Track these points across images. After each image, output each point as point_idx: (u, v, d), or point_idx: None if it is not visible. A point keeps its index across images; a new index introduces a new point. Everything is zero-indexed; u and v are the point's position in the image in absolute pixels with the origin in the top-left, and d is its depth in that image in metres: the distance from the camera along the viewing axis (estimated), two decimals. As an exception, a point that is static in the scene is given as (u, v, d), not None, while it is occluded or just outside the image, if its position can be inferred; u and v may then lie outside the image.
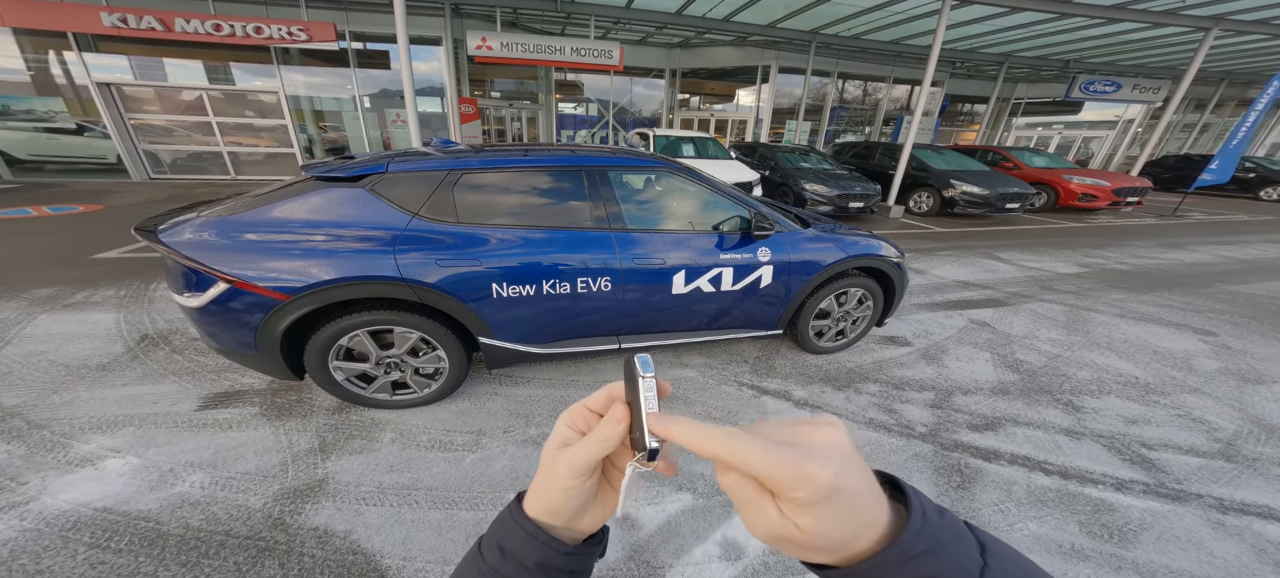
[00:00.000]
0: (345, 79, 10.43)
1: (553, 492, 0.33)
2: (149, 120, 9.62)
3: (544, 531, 0.33)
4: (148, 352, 2.68)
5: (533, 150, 2.30)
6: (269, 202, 1.83)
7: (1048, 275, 4.88)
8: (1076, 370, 2.89)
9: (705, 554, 1.55)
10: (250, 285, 1.71)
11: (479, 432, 2.12)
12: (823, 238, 2.58)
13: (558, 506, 0.32)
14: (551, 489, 0.33)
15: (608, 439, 0.32)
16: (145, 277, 3.86)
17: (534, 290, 2.05)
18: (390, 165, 1.94)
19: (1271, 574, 1.55)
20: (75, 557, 1.45)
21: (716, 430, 0.27)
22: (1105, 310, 3.93)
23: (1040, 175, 8.88)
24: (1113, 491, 1.90)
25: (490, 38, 8.51)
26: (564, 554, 0.33)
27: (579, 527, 0.34)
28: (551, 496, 0.33)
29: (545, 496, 0.33)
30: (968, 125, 17.90)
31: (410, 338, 2.02)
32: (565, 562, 0.33)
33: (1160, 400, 2.59)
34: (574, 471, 0.32)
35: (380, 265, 1.82)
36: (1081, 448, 2.16)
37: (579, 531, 0.34)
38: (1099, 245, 6.41)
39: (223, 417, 2.14)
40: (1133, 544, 1.65)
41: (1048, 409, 2.46)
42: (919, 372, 2.80)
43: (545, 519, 0.33)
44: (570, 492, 0.32)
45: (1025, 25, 9.49)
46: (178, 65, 9.46)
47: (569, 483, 0.32)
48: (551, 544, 0.32)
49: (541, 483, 0.34)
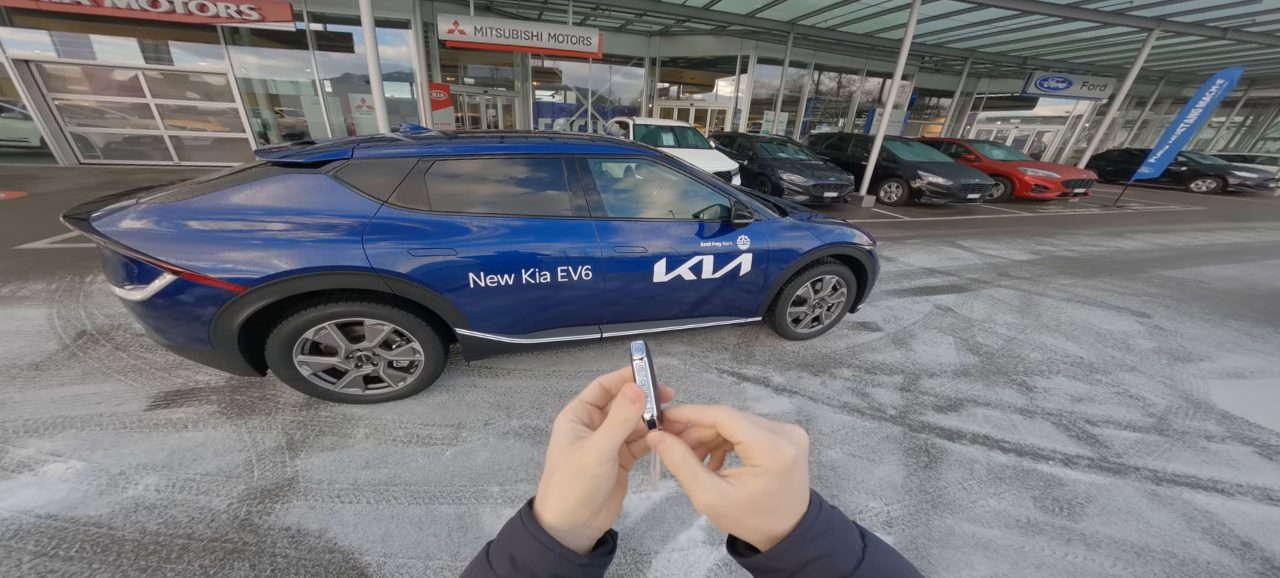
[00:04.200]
0: (304, 62, 9.81)
1: (582, 482, 0.33)
2: (77, 101, 8.78)
3: (559, 542, 0.32)
4: (87, 349, 2.48)
5: (510, 138, 2.23)
6: (220, 188, 1.70)
7: (1005, 262, 5.16)
8: (1029, 352, 3.07)
9: (690, 539, 1.58)
10: (201, 277, 1.59)
11: (459, 425, 2.07)
12: (799, 226, 2.63)
13: (591, 493, 0.33)
14: (580, 481, 0.33)
15: (627, 420, 0.34)
16: (79, 268, 3.56)
17: (513, 280, 2.00)
18: (356, 151, 1.84)
19: (1200, 540, 1.70)
20: (20, 566, 1.35)
21: (713, 406, 0.34)
22: (1054, 295, 4.20)
23: (998, 167, 9.33)
24: (1062, 466, 2.04)
25: (463, 21, 8.16)
26: (579, 566, 0.32)
27: (598, 522, 0.34)
28: (581, 486, 0.33)
29: (572, 489, 0.33)
30: (934, 118, 18.59)
31: (382, 330, 1.94)
32: (580, 574, 0.32)
33: (1102, 379, 2.79)
34: (602, 456, 0.33)
35: (347, 255, 1.73)
36: (1034, 426, 2.31)
37: (597, 528, 0.35)
38: (1049, 234, 6.81)
39: (177, 416, 2.01)
40: (1080, 517, 1.77)
41: (1004, 390, 2.61)
42: (889, 356, 2.91)
43: (567, 520, 0.33)
44: (601, 478, 0.33)
45: (988, 22, 9.88)
46: (109, 43, 8.64)
47: (598, 470, 0.33)
48: (567, 556, 0.32)
49: (563, 480, 0.33)
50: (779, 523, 0.31)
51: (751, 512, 0.31)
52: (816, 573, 0.30)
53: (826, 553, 0.30)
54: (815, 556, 0.30)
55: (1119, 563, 1.58)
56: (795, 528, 0.31)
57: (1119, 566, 1.57)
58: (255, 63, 9.61)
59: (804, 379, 2.60)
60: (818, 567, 0.30)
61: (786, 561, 0.31)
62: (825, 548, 0.30)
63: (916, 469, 1.96)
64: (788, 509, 0.31)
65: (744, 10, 10.07)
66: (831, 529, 0.31)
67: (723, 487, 0.31)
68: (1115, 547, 1.65)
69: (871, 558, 0.30)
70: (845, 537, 0.31)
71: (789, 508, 0.31)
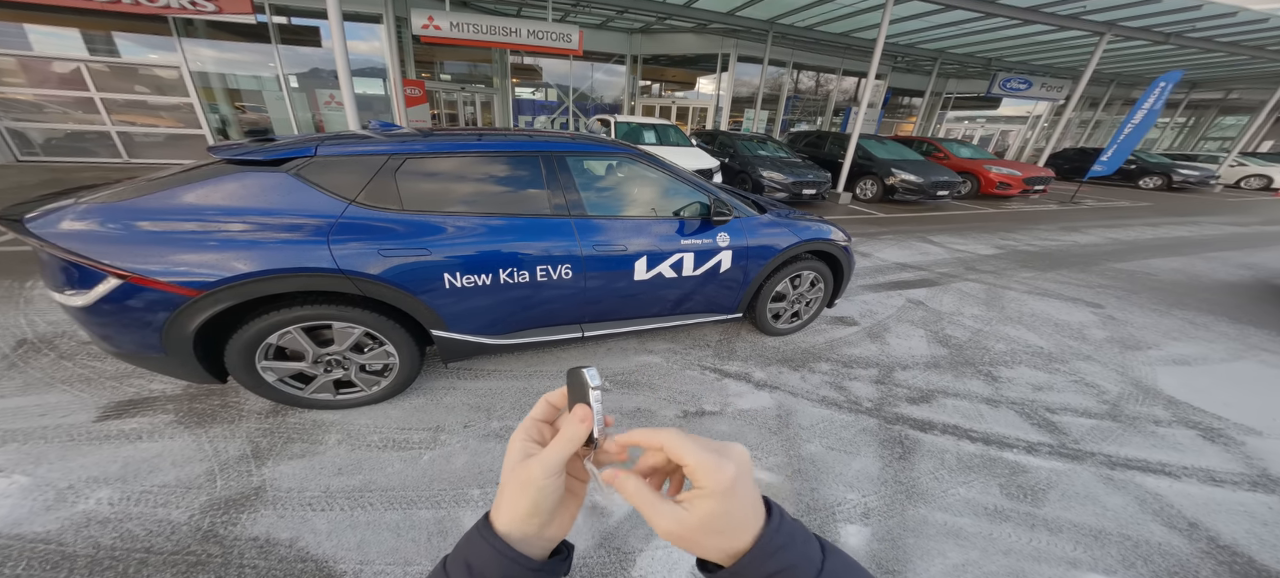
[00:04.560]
0: (267, 56, 9.34)
1: (530, 493, 0.35)
2: (12, 95, 8.15)
3: (512, 547, 0.34)
4: (27, 359, 2.31)
5: (487, 135, 2.18)
6: (169, 187, 1.59)
7: (971, 257, 5.37)
8: (994, 343, 3.21)
9: (672, 536, 1.59)
10: (149, 281, 1.49)
11: (437, 428, 2.02)
12: (777, 223, 2.67)
13: (537, 504, 0.34)
14: (527, 492, 0.35)
15: (574, 438, 0.36)
16: (17, 273, 3.31)
17: (491, 280, 1.96)
18: (319, 148, 1.76)
19: (1152, 522, 1.80)
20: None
21: (660, 429, 0.36)
22: (1017, 288, 4.39)
23: (965, 165, 9.69)
24: (1025, 454, 2.13)
25: (438, 17, 7.90)
26: (532, 570, 0.34)
27: (550, 533, 0.36)
28: (528, 497, 0.35)
29: (520, 501, 0.35)
30: (906, 117, 19.18)
31: (352, 333, 1.87)
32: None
33: (1060, 368, 2.94)
34: (547, 470, 0.35)
35: (312, 256, 1.66)
36: (999, 415, 2.41)
37: (548, 539, 0.36)
38: (1012, 229, 7.12)
39: (129, 427, 1.90)
40: (1042, 502, 1.85)
41: (972, 380, 2.71)
42: (865, 350, 2.99)
43: (518, 528, 0.35)
44: (546, 489, 0.35)
45: (956, 23, 10.23)
46: (47, 33, 8.03)
47: (544, 482, 0.35)
48: (520, 561, 0.34)
49: (513, 493, 0.35)
50: (736, 540, 0.32)
51: (707, 533, 0.33)
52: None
53: (787, 566, 0.31)
54: (776, 569, 0.31)
55: (1079, 547, 1.66)
56: (755, 543, 0.32)
57: (1078, 549, 1.65)
58: (212, 56, 9.10)
59: (784, 374, 2.64)
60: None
61: (749, 574, 0.32)
62: (786, 561, 0.31)
63: (891, 461, 2.02)
64: (741, 525, 0.32)
65: (724, 8, 10.13)
66: (792, 542, 0.33)
67: (678, 512, 0.33)
68: (1075, 531, 1.73)
69: (830, 567, 0.32)
70: (805, 549, 0.33)
71: (742, 524, 0.32)
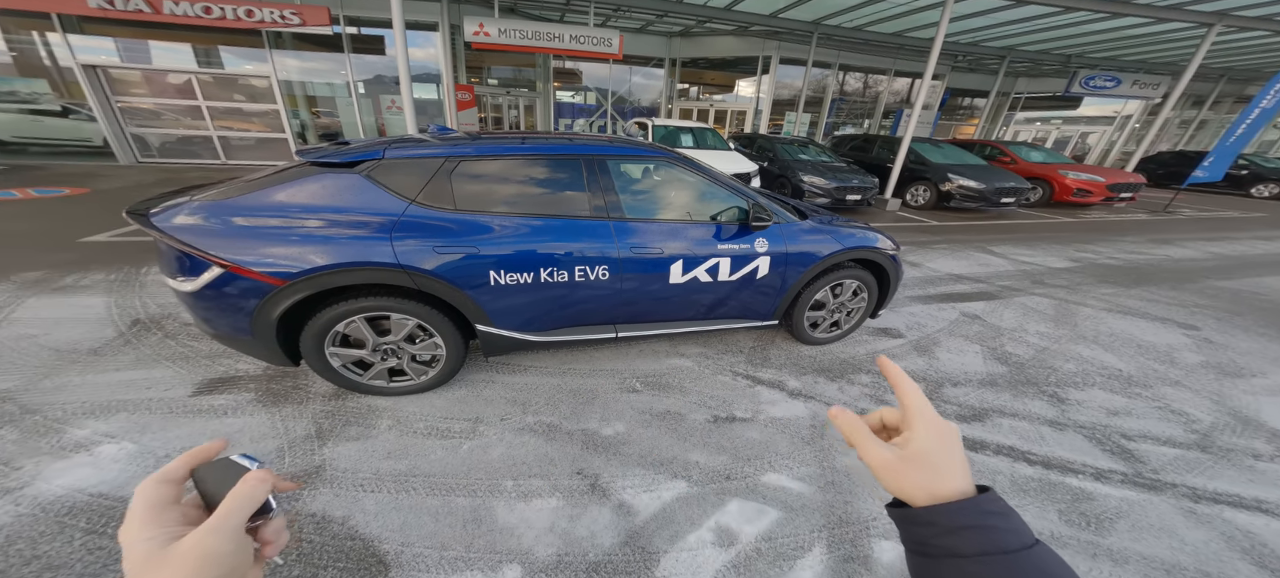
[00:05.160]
0: (339, 64, 10.24)
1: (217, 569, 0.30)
2: (136, 103, 9.42)
3: None
4: (140, 337, 2.67)
5: (531, 139, 2.29)
6: (264, 186, 1.81)
7: (1039, 270, 4.94)
8: (1063, 363, 2.94)
9: (699, 540, 1.58)
10: (245, 270, 1.70)
11: (476, 419, 2.13)
12: (820, 230, 2.60)
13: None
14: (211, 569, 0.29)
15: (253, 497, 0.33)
16: (136, 261, 3.82)
17: (531, 278, 2.05)
18: (387, 151, 1.93)
19: (1239, 560, 1.61)
20: (72, 543, 1.44)
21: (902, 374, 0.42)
22: (1093, 305, 3.99)
23: (1036, 170, 8.93)
24: (1092, 480, 1.96)
25: (488, 23, 8.36)
26: None
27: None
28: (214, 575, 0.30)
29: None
30: (967, 119, 17.92)
31: (407, 325, 2.02)
32: None
33: (1142, 393, 2.65)
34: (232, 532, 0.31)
35: (377, 252, 1.81)
36: (1064, 439, 2.21)
37: None
38: (1091, 240, 6.47)
39: (218, 403, 2.14)
40: (1109, 532, 1.70)
41: (1033, 401, 2.51)
42: (910, 363, 2.84)
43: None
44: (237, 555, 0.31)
45: (1029, 19, 9.45)
46: (165, 48, 9.24)
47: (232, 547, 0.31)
48: None
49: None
50: (940, 483, 0.36)
51: (914, 468, 0.37)
52: (971, 539, 0.33)
53: (990, 527, 0.33)
54: (975, 524, 0.33)
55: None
56: (966, 498, 0.35)
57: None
58: (295, 66, 10.09)
59: (820, 384, 2.56)
60: (974, 534, 0.33)
61: (944, 520, 0.34)
62: (991, 522, 0.33)
63: None
64: (945, 473, 0.37)
65: (766, 10, 9.95)
66: (1006, 516, 0.34)
67: (891, 447, 0.39)
68: (1144, 563, 1.58)
69: (1040, 556, 0.32)
70: (1017, 525, 0.34)
71: (947, 472, 0.37)
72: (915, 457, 0.38)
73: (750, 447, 2.04)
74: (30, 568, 1.35)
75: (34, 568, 1.36)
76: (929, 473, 0.37)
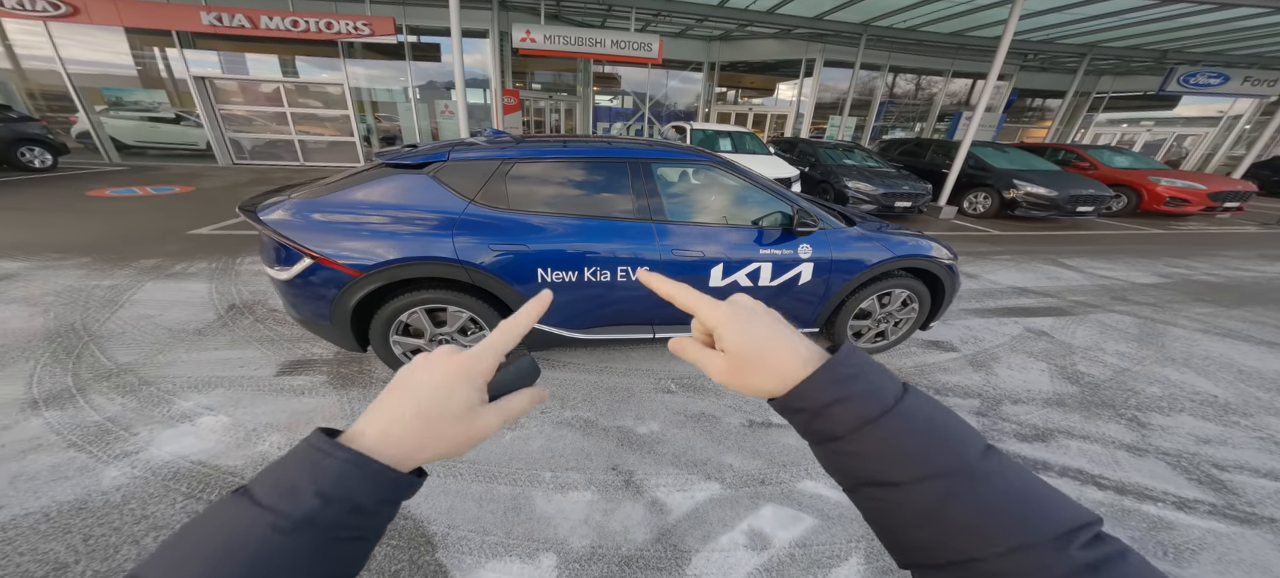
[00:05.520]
0: (399, 71, 11.01)
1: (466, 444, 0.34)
2: (234, 110, 10.60)
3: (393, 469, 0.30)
4: (235, 320, 3.01)
5: (574, 142, 2.38)
6: (347, 185, 2.02)
7: (1121, 285, 4.49)
8: (1146, 386, 2.67)
9: (731, 542, 1.58)
10: (330, 262, 1.90)
11: (518, 410, 2.24)
12: (868, 237, 2.52)
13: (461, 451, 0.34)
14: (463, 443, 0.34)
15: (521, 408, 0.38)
16: (232, 252, 4.30)
17: (576, 276, 2.14)
18: (451, 154, 2.09)
19: None
20: (174, 506, 1.60)
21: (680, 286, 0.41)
22: (1185, 325, 3.59)
23: (1121, 176, 8.11)
24: (1173, 509, 1.79)
25: (534, 30, 8.72)
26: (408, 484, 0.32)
27: None
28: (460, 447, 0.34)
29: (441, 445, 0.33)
30: (1037, 122, 16.53)
31: (461, 317, 2.17)
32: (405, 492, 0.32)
33: (1240, 422, 2.37)
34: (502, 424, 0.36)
35: (440, 247, 1.97)
36: (1143, 465, 2.02)
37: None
38: (1184, 254, 5.80)
39: (297, 383, 2.37)
40: (1189, 563, 1.56)
41: (1109, 424, 2.30)
42: (965, 378, 2.68)
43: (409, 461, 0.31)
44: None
45: (1116, 12, 8.56)
46: (255, 60, 10.34)
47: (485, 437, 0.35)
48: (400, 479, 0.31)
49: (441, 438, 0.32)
50: (780, 368, 0.34)
51: (746, 364, 0.35)
52: (839, 416, 0.31)
53: (847, 396, 0.31)
54: (837, 397, 0.31)
55: (1240, 631, 1.35)
56: (816, 371, 0.32)
57: (1240, 634, 1.35)
58: (362, 73, 10.98)
59: (864, 396, 2.48)
60: (840, 409, 0.31)
61: (803, 403, 0.33)
62: (848, 391, 0.31)
63: None
64: (781, 354, 0.34)
65: (812, 13, 9.67)
66: (860, 375, 0.31)
67: (718, 356, 0.37)
68: (1233, 604, 1.42)
69: (908, 404, 0.30)
70: (878, 382, 0.31)
71: (781, 353, 0.34)
72: (736, 355, 0.35)
73: (786, 453, 2.01)
74: (140, 527, 1.53)
75: (143, 527, 1.54)
76: (760, 365, 0.34)
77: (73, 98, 9.49)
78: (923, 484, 0.28)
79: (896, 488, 0.29)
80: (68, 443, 1.87)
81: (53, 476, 1.70)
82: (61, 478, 1.70)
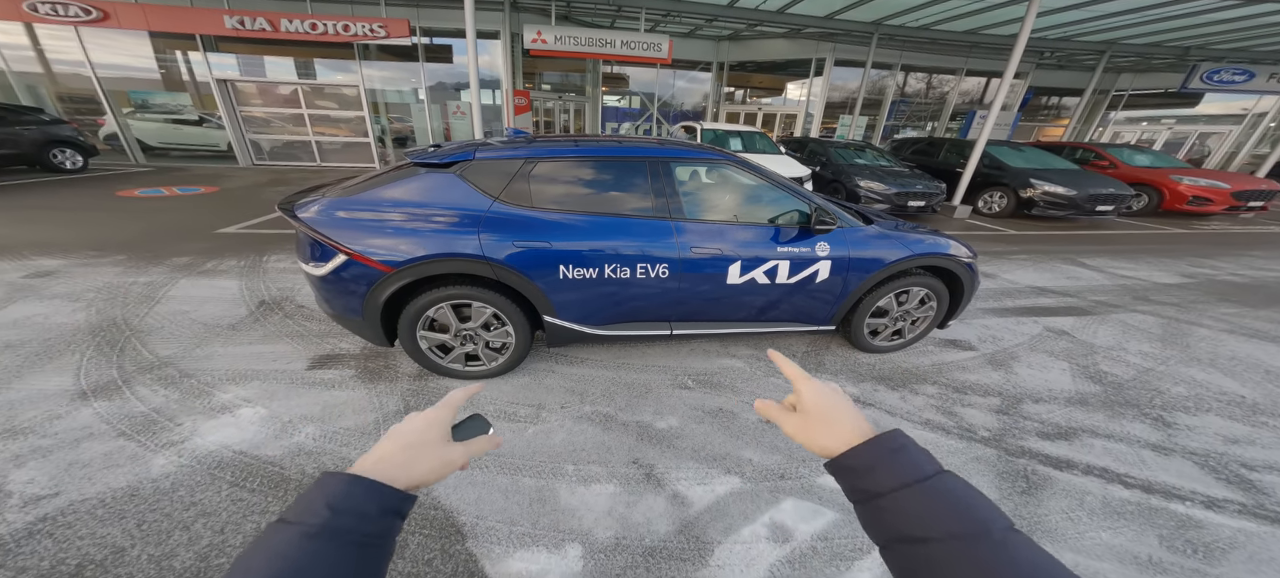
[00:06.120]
0: (411, 73, 11.15)
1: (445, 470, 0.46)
2: (253, 112, 10.84)
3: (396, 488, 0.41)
4: (266, 316, 3.10)
5: (593, 142, 2.42)
6: (378, 184, 2.08)
7: (1143, 285, 4.42)
8: (1171, 385, 2.64)
9: (753, 534, 1.61)
10: (363, 258, 1.96)
11: (539, 405, 2.27)
12: (886, 235, 2.53)
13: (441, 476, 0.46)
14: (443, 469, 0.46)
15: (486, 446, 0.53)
16: (260, 250, 4.42)
17: (596, 273, 2.18)
18: (476, 153, 2.14)
19: None
20: (220, 493, 1.67)
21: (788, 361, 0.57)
22: (1211, 325, 3.53)
23: (1141, 175, 7.96)
24: (1202, 508, 1.78)
25: (545, 31, 8.78)
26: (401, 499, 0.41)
27: None
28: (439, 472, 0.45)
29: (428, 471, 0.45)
30: (1053, 120, 16.23)
31: (485, 313, 2.22)
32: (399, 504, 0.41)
33: (1270, 422, 2.34)
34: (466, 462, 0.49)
35: (466, 244, 2.02)
36: (1170, 464, 2.01)
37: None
38: (1208, 254, 5.69)
39: (327, 377, 2.44)
40: (1219, 562, 1.55)
41: (1133, 423, 2.28)
42: (984, 377, 2.67)
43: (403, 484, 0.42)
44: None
45: (1137, 10, 8.40)
46: (272, 62, 10.56)
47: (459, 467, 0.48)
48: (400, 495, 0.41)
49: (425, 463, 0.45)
50: (841, 431, 0.44)
51: (815, 422, 0.46)
52: (883, 476, 0.39)
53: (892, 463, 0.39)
54: (882, 462, 0.39)
55: (1269, 628, 1.35)
56: (871, 438, 0.42)
57: (1269, 630, 1.34)
58: (377, 75, 11.16)
59: (880, 392, 2.49)
60: (884, 471, 0.39)
61: (855, 461, 0.41)
62: (893, 460, 0.39)
63: (1011, 493, 1.82)
64: (843, 422, 0.45)
65: (822, 12, 9.61)
66: (905, 449, 0.40)
67: (793, 415, 0.49)
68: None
69: (944, 479, 0.37)
70: (918, 457, 0.39)
71: (844, 422, 0.45)
72: (809, 413, 0.47)
73: (804, 450, 2.02)
74: (189, 512, 1.60)
75: (192, 512, 1.60)
76: (826, 425, 0.45)
77: (102, 101, 9.78)
78: (947, 544, 0.33)
79: (924, 544, 0.34)
80: (117, 432, 1.95)
81: (105, 463, 1.78)
82: (113, 466, 1.77)
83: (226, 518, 1.58)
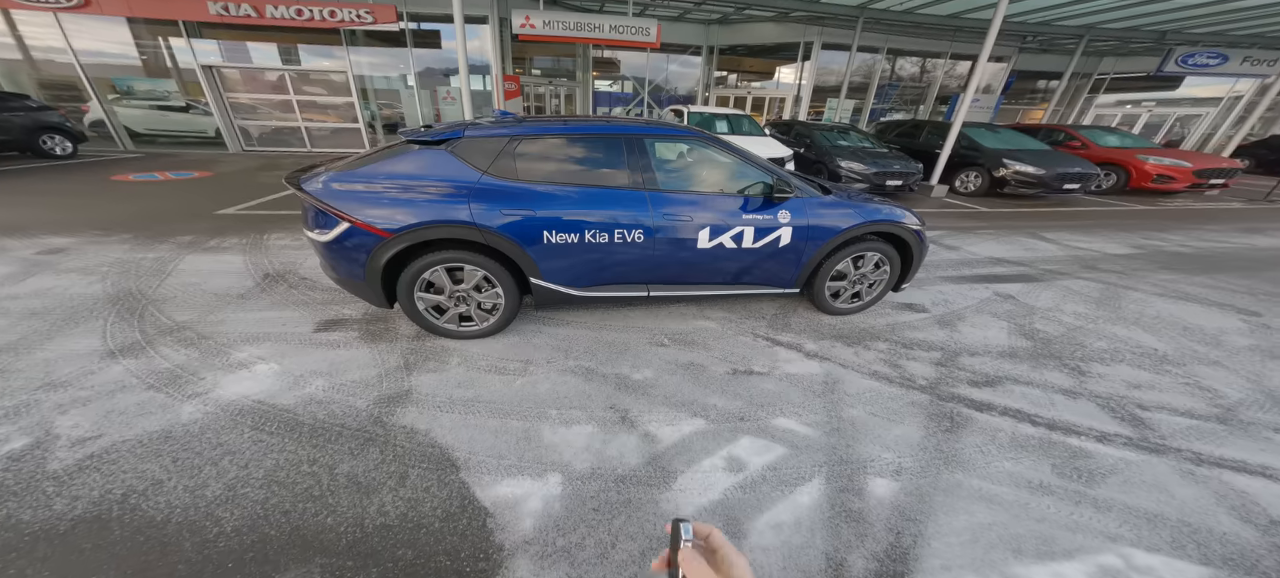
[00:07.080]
0: (399, 59, 11.12)
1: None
2: (241, 99, 10.79)
3: None
4: (271, 286, 3.31)
5: (573, 121, 2.64)
6: (377, 160, 2.29)
7: (1093, 255, 4.74)
8: (1094, 341, 2.95)
9: (712, 466, 1.83)
10: (364, 225, 2.18)
11: (526, 361, 2.50)
12: (841, 204, 2.78)
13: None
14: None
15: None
16: (260, 229, 4.59)
17: (577, 239, 2.41)
18: (466, 131, 2.35)
19: (1223, 514, 1.69)
20: (242, 436, 1.85)
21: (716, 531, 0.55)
22: (1145, 289, 3.85)
23: (1110, 155, 8.27)
24: (1093, 441, 2.05)
25: (533, 16, 8.82)
26: None
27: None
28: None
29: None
30: (1038, 103, 16.50)
31: (476, 276, 2.45)
32: None
33: (1172, 370, 2.64)
34: None
35: (457, 212, 2.24)
36: (1075, 406, 2.30)
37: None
38: (1163, 228, 6.03)
39: (332, 338, 2.67)
40: (1098, 485, 1.81)
41: (1052, 372, 2.58)
42: (930, 334, 2.96)
43: None
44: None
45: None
46: (256, 48, 10.47)
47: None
48: None
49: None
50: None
51: None
52: None
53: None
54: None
55: (1124, 525, 1.64)
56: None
57: (1124, 527, 1.63)
58: (365, 61, 11.12)
59: (836, 348, 2.76)
60: None
61: None
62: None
63: (936, 432, 2.07)
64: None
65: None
66: None
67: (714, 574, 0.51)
68: (1125, 511, 1.70)
69: None
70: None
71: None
72: None
73: (765, 396, 2.28)
74: (216, 451, 1.80)
75: (219, 451, 1.79)
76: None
77: (86, 87, 9.70)
78: None
79: None
80: (147, 385, 2.18)
81: (139, 411, 2.00)
82: (147, 413, 1.99)
83: (249, 456, 1.79)
